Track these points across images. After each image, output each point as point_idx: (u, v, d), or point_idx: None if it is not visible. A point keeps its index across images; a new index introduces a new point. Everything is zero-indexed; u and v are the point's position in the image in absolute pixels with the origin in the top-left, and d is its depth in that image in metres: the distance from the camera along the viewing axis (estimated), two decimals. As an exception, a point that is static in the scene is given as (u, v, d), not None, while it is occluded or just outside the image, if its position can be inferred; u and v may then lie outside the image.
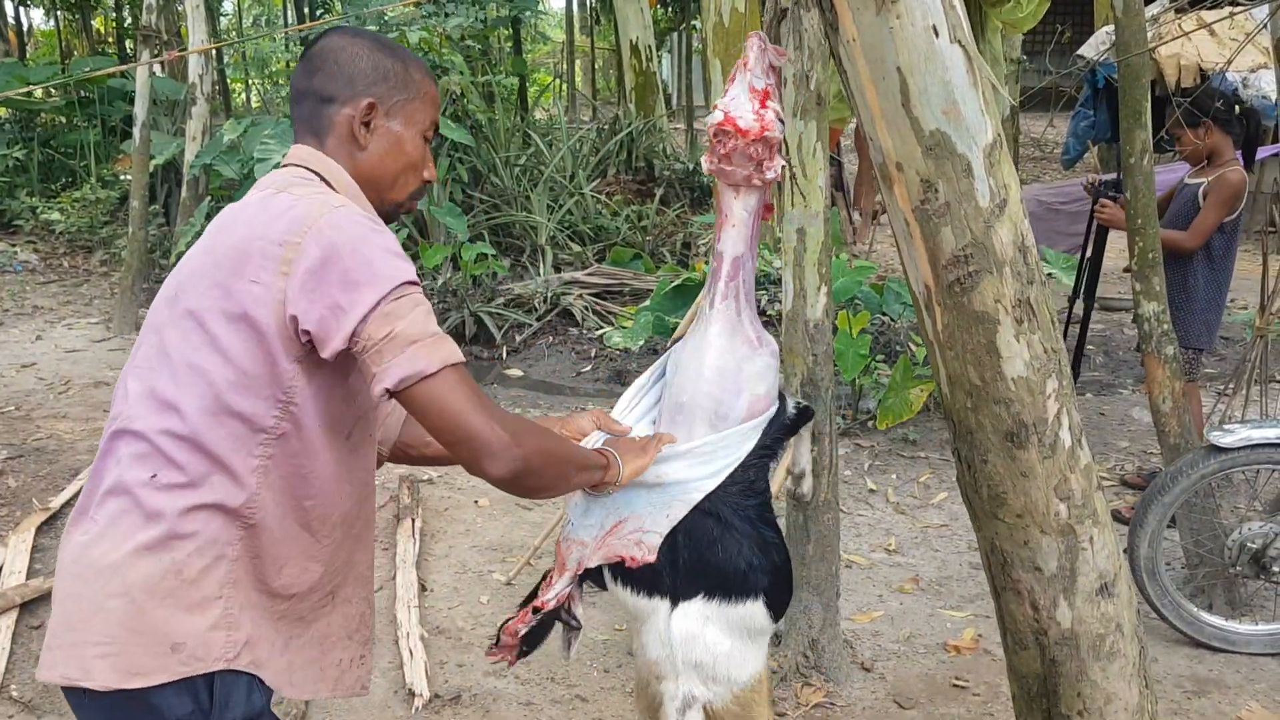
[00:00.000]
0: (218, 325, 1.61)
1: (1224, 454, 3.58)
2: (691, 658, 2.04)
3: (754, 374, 2.07)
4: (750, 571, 2.03)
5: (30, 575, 3.96)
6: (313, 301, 1.56)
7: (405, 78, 1.82)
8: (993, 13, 7.04)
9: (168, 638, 1.58)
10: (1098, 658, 2.10)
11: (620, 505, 2.02)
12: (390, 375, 1.54)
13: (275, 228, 1.61)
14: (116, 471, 1.63)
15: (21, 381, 6.60)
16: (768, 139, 1.95)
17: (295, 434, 1.65)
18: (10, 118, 11.58)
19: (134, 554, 1.58)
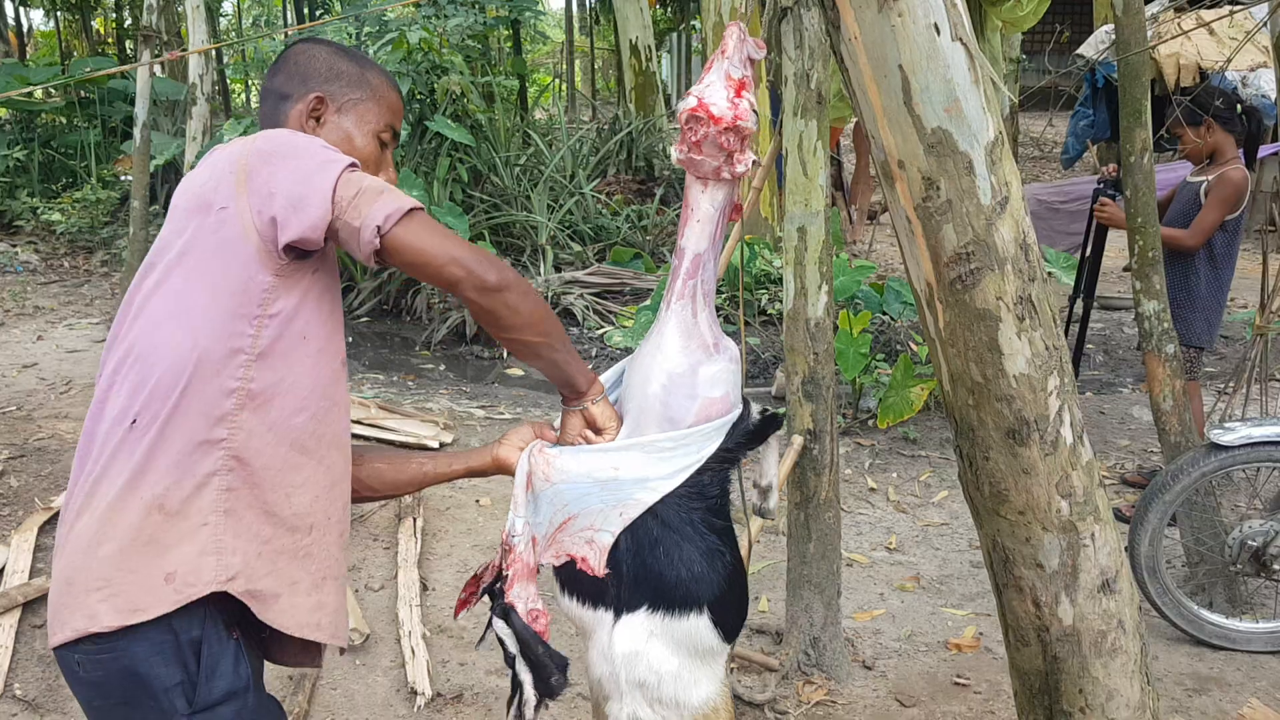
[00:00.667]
0: (186, 268, 1.67)
1: (1224, 452, 3.58)
2: (635, 676, 1.91)
3: (709, 378, 1.96)
4: (692, 582, 1.91)
5: (33, 574, 3.96)
6: (280, 198, 1.63)
7: (359, 79, 1.90)
8: (993, 11, 7.04)
9: (160, 569, 1.62)
10: (1099, 654, 2.10)
11: (570, 500, 1.92)
12: (376, 215, 1.61)
13: (220, 166, 1.70)
14: (98, 434, 1.69)
15: (23, 382, 6.61)
16: (740, 128, 1.89)
17: (276, 349, 1.68)
18: (11, 118, 11.59)
19: (116, 501, 1.63)
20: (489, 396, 6.78)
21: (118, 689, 1.65)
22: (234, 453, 1.66)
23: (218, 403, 1.65)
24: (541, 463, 1.95)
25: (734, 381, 2.02)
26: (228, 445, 1.65)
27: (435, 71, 8.53)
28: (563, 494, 1.92)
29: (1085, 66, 9.04)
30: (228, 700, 1.69)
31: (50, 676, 3.45)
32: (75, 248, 9.92)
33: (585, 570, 1.92)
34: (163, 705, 1.65)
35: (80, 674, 1.66)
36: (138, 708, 1.66)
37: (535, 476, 1.95)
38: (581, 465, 1.92)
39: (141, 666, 1.62)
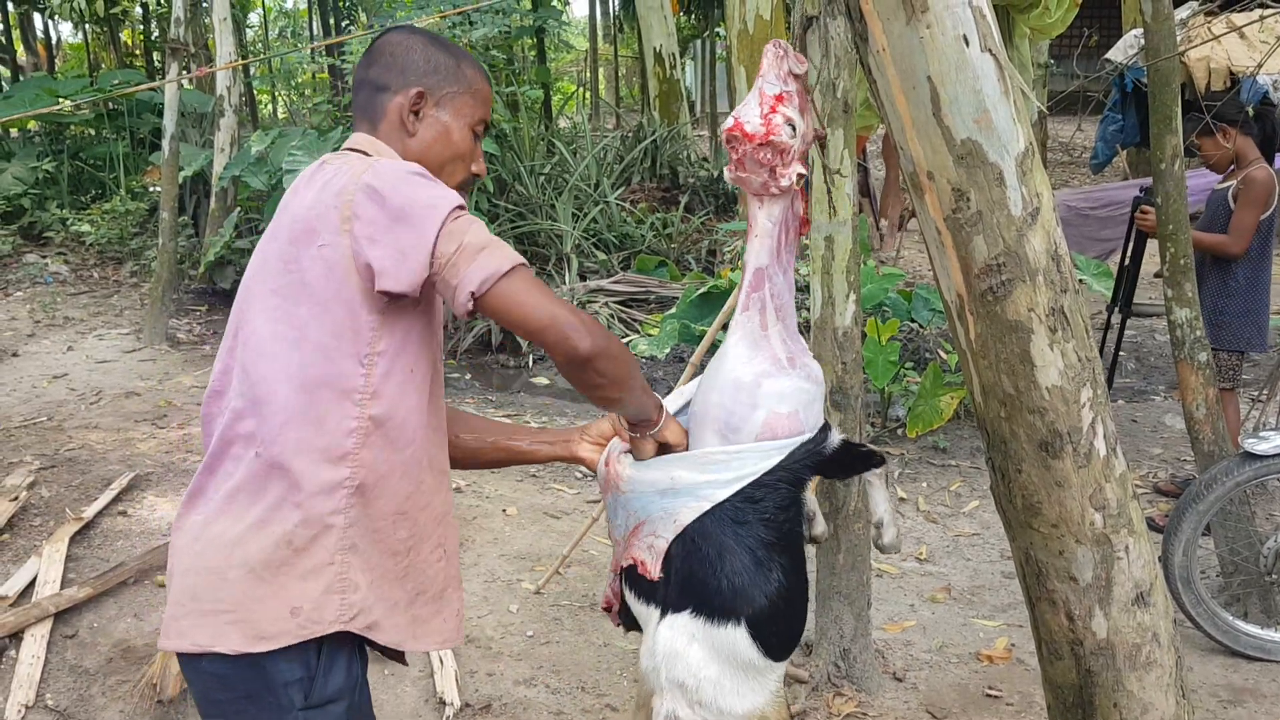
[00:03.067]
0: (297, 299, 1.70)
1: (1259, 461, 3.54)
2: (675, 676, 1.96)
3: (776, 392, 1.98)
4: (733, 593, 1.93)
5: (64, 585, 3.99)
6: (382, 246, 1.64)
7: (456, 72, 1.90)
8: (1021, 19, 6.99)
9: (287, 603, 1.69)
10: (1134, 668, 2.08)
11: (637, 508, 2.01)
12: (472, 279, 1.62)
13: (326, 195, 1.70)
14: (229, 453, 1.74)
15: (53, 392, 6.67)
16: (774, 143, 1.91)
17: (387, 386, 1.72)
18: (40, 130, 11.71)
19: (248, 530, 1.69)
20: (515, 405, 6.79)
21: (241, 683, 1.72)
22: (356, 489, 1.72)
23: (340, 441, 1.70)
24: (613, 475, 2.03)
25: (808, 402, 2.02)
26: (350, 482, 1.71)
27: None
28: (631, 503, 2.01)
29: (1114, 71, 8.98)
30: (338, 698, 1.77)
31: (81, 686, 3.47)
32: (105, 259, 10.01)
33: (643, 573, 1.99)
34: (280, 700, 1.72)
35: (204, 666, 1.73)
36: (258, 702, 1.73)
37: (610, 481, 2.04)
38: (644, 476, 1.99)
39: (267, 663, 1.70)
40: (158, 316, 7.96)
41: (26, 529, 4.54)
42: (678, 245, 9.33)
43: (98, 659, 3.60)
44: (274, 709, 1.72)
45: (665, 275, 8.52)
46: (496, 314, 1.66)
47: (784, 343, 2.03)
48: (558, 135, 11.27)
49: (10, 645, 3.61)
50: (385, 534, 1.76)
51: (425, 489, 1.82)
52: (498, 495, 5.10)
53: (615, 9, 21.89)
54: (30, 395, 6.59)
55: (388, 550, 1.77)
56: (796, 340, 2.07)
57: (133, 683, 3.45)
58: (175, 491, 4.95)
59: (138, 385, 6.85)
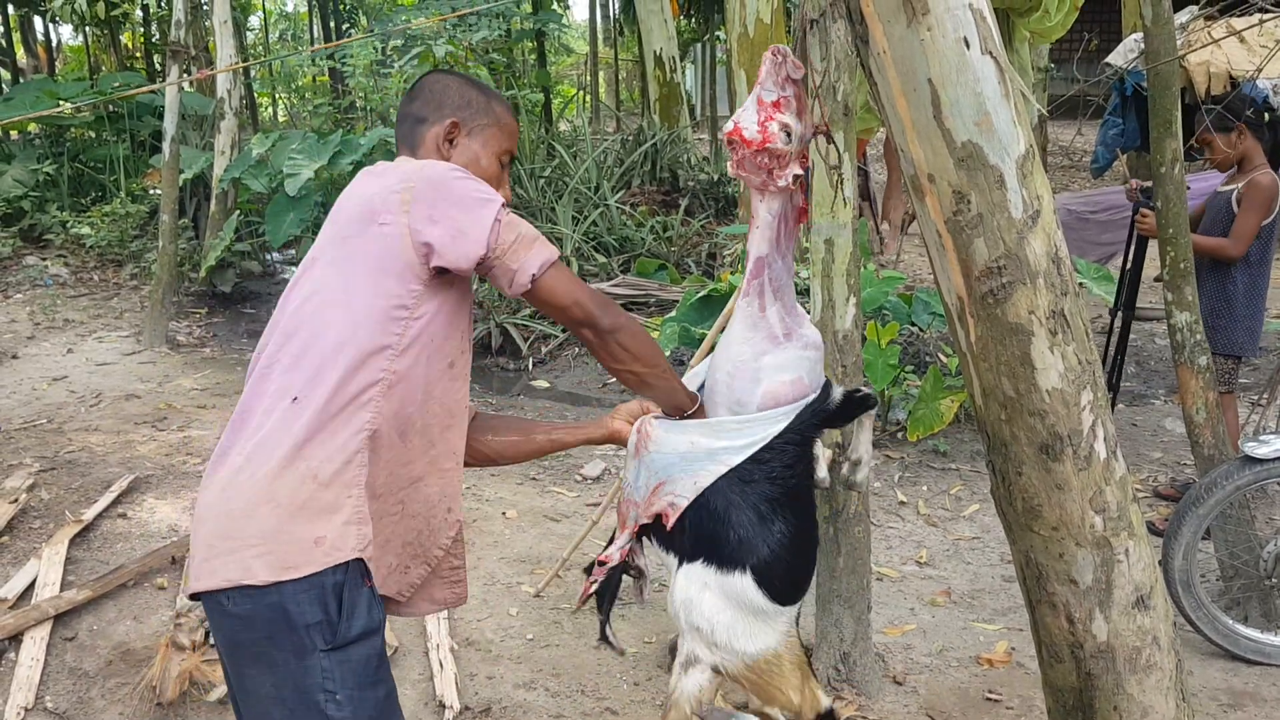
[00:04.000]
0: (351, 269, 1.92)
1: (1259, 465, 3.54)
2: (691, 621, 2.17)
3: (775, 365, 2.18)
4: (739, 544, 2.13)
5: (64, 587, 3.99)
6: (441, 226, 1.88)
7: (487, 107, 2.15)
8: (1021, 22, 6.99)
9: (312, 533, 1.84)
10: (1134, 671, 2.08)
11: (659, 469, 2.19)
12: (534, 263, 1.92)
13: (389, 181, 1.94)
14: (259, 408, 1.91)
15: (53, 395, 6.67)
16: (770, 150, 2.06)
17: (412, 348, 1.92)
18: (41, 133, 11.70)
19: (277, 467, 1.84)
20: (514, 407, 6.79)
21: (264, 624, 1.83)
22: (371, 434, 1.89)
23: (367, 389, 1.88)
24: (644, 434, 2.22)
25: (809, 367, 2.23)
26: (370, 426, 1.89)
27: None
28: (655, 461, 2.20)
29: (1114, 75, 8.98)
30: (362, 639, 1.88)
31: (81, 689, 3.47)
32: (105, 261, 10.01)
33: (665, 523, 2.20)
34: (303, 641, 1.82)
35: (229, 608, 1.84)
36: (278, 643, 1.83)
37: (639, 446, 2.23)
38: (669, 438, 2.19)
39: (290, 604, 1.81)
40: (158, 319, 7.96)
41: (26, 531, 4.54)
42: (678, 248, 9.33)
43: (97, 661, 3.60)
44: (296, 650, 1.82)
45: (665, 278, 8.51)
46: (542, 294, 1.94)
47: (781, 320, 2.22)
48: (558, 138, 11.28)
49: (10, 647, 3.61)
50: (394, 483, 1.96)
51: (410, 449, 1.98)
52: (497, 498, 5.10)
53: (615, 12, 21.90)
54: (30, 398, 6.59)
55: (395, 498, 1.97)
56: (794, 314, 2.26)
57: (132, 685, 3.45)
58: (175, 494, 4.95)
59: (138, 388, 6.85)
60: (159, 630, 3.74)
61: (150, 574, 4.11)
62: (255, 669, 1.86)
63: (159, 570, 4.12)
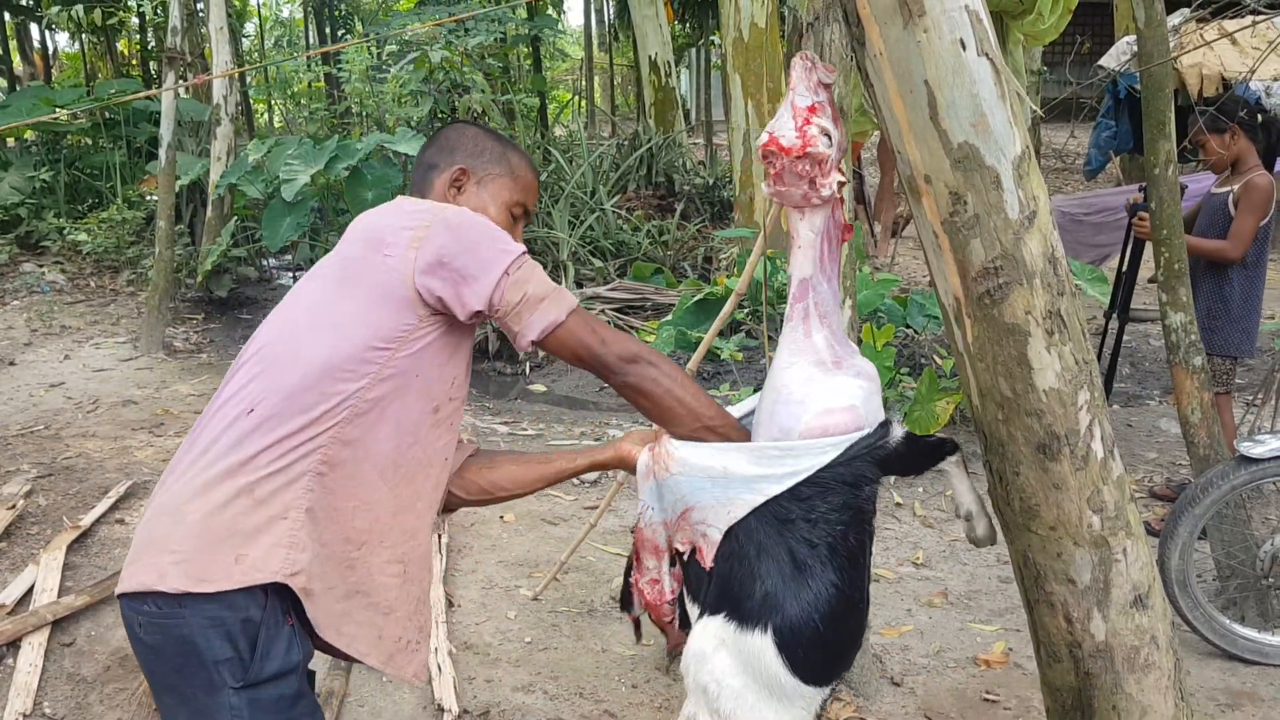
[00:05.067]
0: (348, 293, 1.86)
1: (1254, 465, 3.55)
2: (699, 679, 1.95)
3: (825, 392, 1.98)
4: (765, 599, 1.90)
5: (62, 593, 3.99)
6: (445, 276, 1.82)
7: (501, 157, 2.10)
8: (1014, 25, 7.03)
9: (233, 549, 1.75)
10: (1132, 670, 2.08)
11: (688, 493, 2.00)
12: (534, 328, 1.86)
13: (404, 216, 1.90)
14: (217, 415, 1.85)
15: (50, 401, 6.66)
16: (811, 154, 1.92)
17: (393, 380, 1.83)
18: (37, 140, 11.70)
19: (215, 478, 1.77)
20: (512, 412, 6.79)
21: (172, 655, 1.76)
22: (327, 458, 1.80)
23: (329, 411, 1.80)
24: (664, 454, 2.03)
25: (864, 398, 2.01)
26: (325, 451, 1.80)
27: (456, 90, 8.58)
28: (680, 485, 2.01)
29: (1106, 78, 9.01)
30: (276, 679, 1.79)
31: (79, 694, 3.46)
32: (101, 267, 10.00)
33: (699, 560, 2.00)
34: (212, 677, 1.75)
35: (139, 634, 1.78)
36: (189, 677, 1.76)
37: (657, 467, 2.03)
38: (697, 459, 1.99)
39: (197, 637, 1.73)
40: (154, 325, 7.95)
41: (24, 537, 4.53)
42: (673, 252, 9.34)
43: (95, 667, 3.60)
44: (205, 686, 1.76)
45: (661, 282, 8.53)
46: (552, 351, 1.90)
47: (830, 347, 2.04)
48: (554, 143, 11.29)
49: (8, 653, 3.60)
50: (344, 516, 1.83)
51: (400, 497, 1.89)
52: (495, 502, 5.10)
53: (610, 18, 21.92)
54: (27, 404, 6.58)
55: (341, 533, 1.83)
56: (844, 343, 2.08)
57: (130, 691, 3.45)
58: (172, 499, 4.94)
59: (134, 394, 6.84)
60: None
61: (148, 579, 4.10)
62: (169, 700, 1.81)
63: (157, 575, 4.11)
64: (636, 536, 2.15)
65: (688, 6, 16.05)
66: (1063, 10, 6.99)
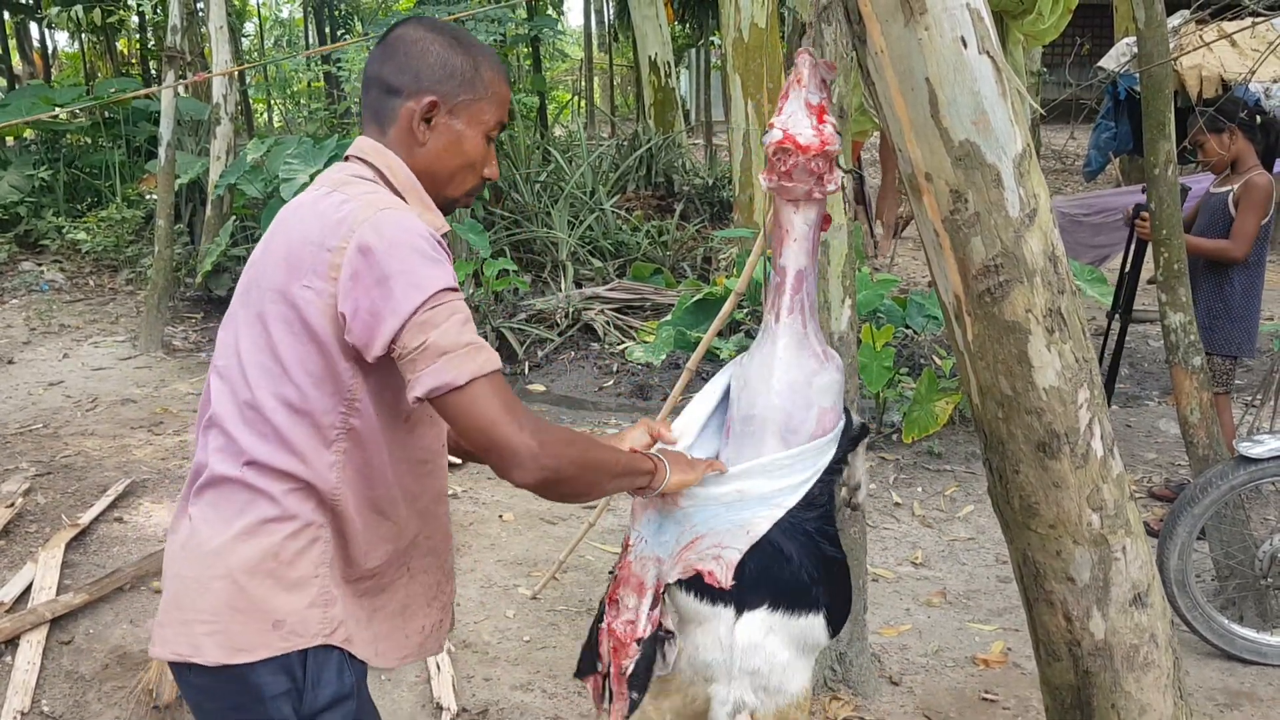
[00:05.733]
0: (279, 331, 1.68)
1: (1253, 465, 3.55)
2: (751, 665, 2.02)
3: (822, 388, 2.06)
4: (813, 585, 2.03)
5: (60, 591, 3.99)
6: (356, 307, 1.62)
7: (473, 77, 1.81)
8: (1014, 25, 7.03)
9: (268, 616, 1.67)
10: (1132, 669, 2.08)
11: (697, 522, 2.00)
12: (421, 384, 1.59)
13: (324, 232, 1.66)
14: (211, 464, 1.73)
15: (49, 399, 6.66)
16: (828, 152, 1.94)
17: (361, 429, 1.72)
18: (36, 139, 11.70)
19: (234, 539, 1.68)
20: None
21: (226, 693, 1.71)
22: (335, 511, 1.72)
23: (326, 471, 1.70)
24: None
25: (839, 392, 2.11)
26: (332, 505, 1.72)
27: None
28: (691, 516, 2.00)
29: (1106, 79, 9.02)
30: (334, 706, 1.74)
31: (77, 693, 3.46)
32: (100, 266, 10.00)
33: (710, 582, 1.98)
34: (270, 712, 1.69)
35: (190, 679, 1.73)
36: (245, 711, 1.71)
37: (664, 501, 2.01)
38: (708, 491, 2.00)
39: (250, 675, 1.68)
40: (153, 324, 7.95)
41: (23, 536, 4.54)
42: (673, 252, 9.34)
43: (94, 665, 3.60)
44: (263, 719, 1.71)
45: (661, 282, 8.52)
46: (444, 417, 1.63)
47: (817, 338, 2.10)
48: (553, 143, 11.29)
49: (6, 651, 3.61)
50: (358, 559, 1.77)
51: (400, 521, 1.83)
52: (494, 501, 5.10)
53: (610, 18, 21.92)
54: (26, 402, 6.58)
55: (356, 575, 1.78)
56: (820, 333, 2.14)
57: (129, 689, 3.45)
58: (171, 498, 4.94)
59: (133, 392, 6.84)
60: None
61: (146, 577, 4.10)
62: None
63: (155, 574, 4.11)
64: (619, 574, 2.10)
65: (688, 7, 16.05)
66: (1063, 10, 7.00)
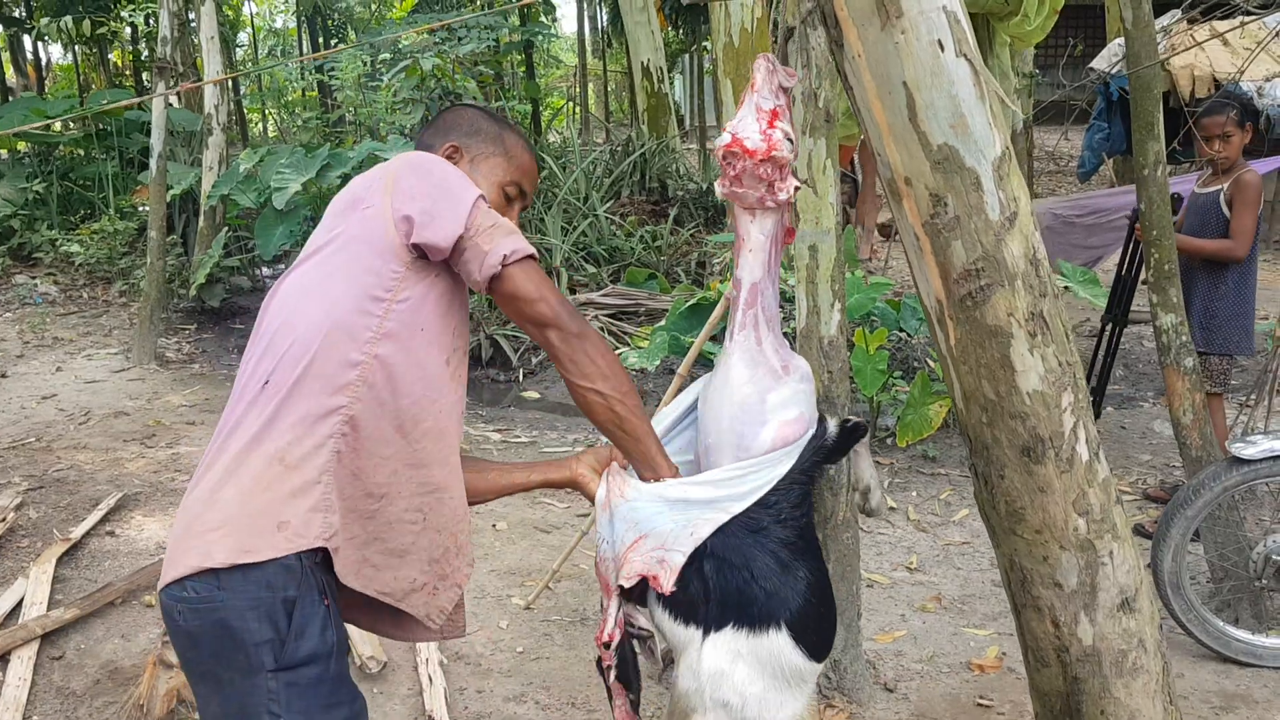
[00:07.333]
0: (334, 253, 1.89)
1: (1247, 466, 3.54)
2: (720, 696, 1.95)
3: (780, 402, 2.05)
4: (768, 598, 1.95)
5: (51, 606, 3.97)
6: (421, 202, 1.85)
7: (496, 137, 2.12)
8: (1000, 26, 7.02)
9: (275, 517, 1.77)
10: (1120, 674, 2.07)
11: (640, 520, 1.98)
12: (504, 247, 1.85)
13: (369, 175, 1.96)
14: (234, 400, 1.88)
15: (42, 413, 6.64)
16: (775, 158, 1.95)
17: (398, 333, 1.85)
18: (30, 152, 11.70)
19: (243, 451, 1.80)
20: (505, 420, 6.78)
21: (210, 641, 1.76)
22: (349, 419, 1.82)
23: (343, 372, 1.82)
24: (619, 481, 2.04)
25: (808, 400, 2.11)
26: (346, 411, 1.82)
27: (449, 97, 8.57)
28: (635, 511, 1.99)
29: (1098, 80, 9.01)
30: (311, 662, 1.79)
31: (68, 708, 3.44)
32: (94, 278, 9.99)
33: (655, 588, 1.95)
34: (251, 660, 1.75)
35: (179, 622, 1.78)
36: (226, 661, 1.76)
37: (612, 494, 2.03)
38: (650, 487, 2.01)
39: (235, 620, 1.74)
40: (146, 336, 7.93)
41: (14, 550, 4.52)
42: (667, 258, 9.33)
43: (85, 680, 3.58)
44: (242, 669, 1.75)
45: (655, 288, 8.51)
46: (511, 283, 1.86)
47: (776, 351, 2.09)
48: (547, 149, 11.28)
49: (-4, 667, 3.59)
50: (366, 472, 1.84)
51: (420, 451, 1.89)
52: (487, 510, 5.08)
53: (603, 24, 21.95)
54: (19, 416, 6.56)
55: (363, 489, 1.85)
56: (783, 343, 2.13)
57: (120, 704, 3.43)
58: (164, 511, 4.93)
59: (126, 405, 6.82)
60: (147, 648, 3.72)
61: (138, 592, 4.08)
62: (205, 688, 1.81)
63: (147, 588, 4.09)
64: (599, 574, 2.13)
65: (680, 13, 16.07)
66: (1049, 11, 6.98)
